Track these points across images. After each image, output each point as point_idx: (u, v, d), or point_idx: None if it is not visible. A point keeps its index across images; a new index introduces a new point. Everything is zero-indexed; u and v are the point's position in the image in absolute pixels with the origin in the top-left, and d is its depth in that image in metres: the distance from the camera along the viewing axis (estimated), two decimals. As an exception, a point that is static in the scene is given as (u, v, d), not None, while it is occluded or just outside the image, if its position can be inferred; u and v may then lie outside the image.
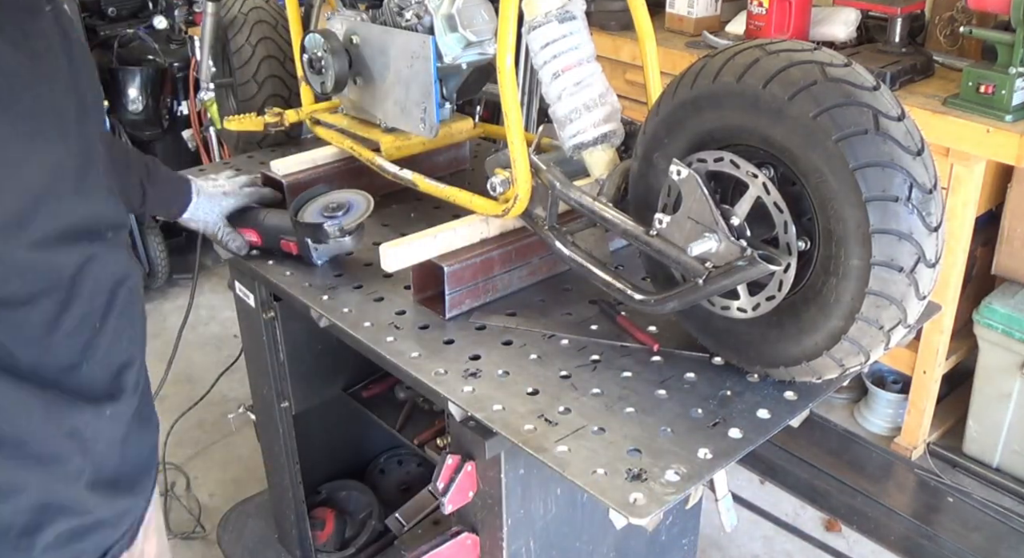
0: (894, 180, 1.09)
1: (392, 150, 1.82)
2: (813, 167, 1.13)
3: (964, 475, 2.69)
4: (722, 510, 1.31)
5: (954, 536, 2.50)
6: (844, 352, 1.21)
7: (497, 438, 1.27)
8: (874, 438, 2.86)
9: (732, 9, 3.00)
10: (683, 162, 1.24)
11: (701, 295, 1.26)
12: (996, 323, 2.50)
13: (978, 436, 2.67)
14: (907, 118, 1.14)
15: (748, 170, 1.19)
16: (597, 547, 1.62)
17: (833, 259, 1.16)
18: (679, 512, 1.80)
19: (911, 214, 1.10)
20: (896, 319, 1.17)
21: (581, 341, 1.45)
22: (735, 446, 1.21)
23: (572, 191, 1.43)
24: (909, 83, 2.47)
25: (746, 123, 1.18)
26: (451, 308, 1.50)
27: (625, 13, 2.44)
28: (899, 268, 1.12)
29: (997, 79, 2.21)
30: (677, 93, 1.26)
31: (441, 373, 1.35)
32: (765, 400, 1.30)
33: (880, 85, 1.15)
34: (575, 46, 1.42)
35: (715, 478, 1.23)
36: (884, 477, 2.73)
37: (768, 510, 2.64)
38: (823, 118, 1.10)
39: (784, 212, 1.17)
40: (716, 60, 1.21)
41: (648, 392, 1.32)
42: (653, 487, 1.13)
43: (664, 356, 1.41)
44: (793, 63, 1.14)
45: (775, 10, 2.65)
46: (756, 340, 1.29)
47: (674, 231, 1.27)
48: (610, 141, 1.46)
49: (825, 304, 1.18)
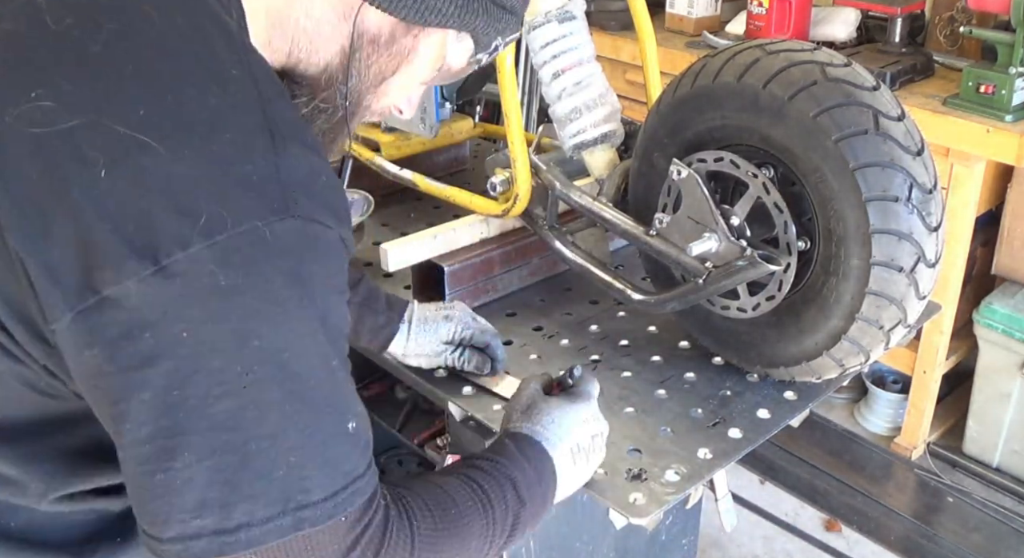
0: (894, 180, 1.09)
1: (392, 150, 1.82)
2: (813, 167, 1.13)
3: (964, 475, 2.69)
4: (722, 510, 1.31)
5: (954, 536, 2.50)
6: (844, 352, 1.21)
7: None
8: (874, 438, 2.86)
9: (732, 9, 3.00)
10: (683, 162, 1.24)
11: (701, 295, 1.26)
12: (996, 323, 2.50)
13: (978, 436, 2.67)
14: (907, 118, 1.14)
15: (748, 170, 1.19)
16: (597, 547, 1.62)
17: (833, 259, 1.16)
18: (679, 512, 1.80)
19: (911, 214, 1.10)
20: (896, 319, 1.16)
21: (581, 341, 1.45)
22: (735, 446, 1.21)
23: (572, 191, 1.43)
24: (909, 83, 2.47)
25: (746, 123, 1.18)
26: (451, 308, 1.50)
27: (625, 13, 2.43)
28: (899, 268, 1.12)
29: (997, 79, 2.21)
30: (677, 93, 1.26)
31: (441, 373, 1.35)
32: (765, 400, 1.30)
33: (880, 85, 1.15)
34: (575, 46, 1.42)
35: (715, 478, 1.23)
36: (884, 477, 2.73)
37: (768, 510, 2.64)
38: (823, 118, 1.10)
39: (784, 212, 1.17)
40: (716, 60, 1.21)
41: (648, 392, 1.32)
42: (653, 487, 1.13)
43: (664, 356, 1.41)
44: (793, 63, 1.14)
45: (775, 10, 2.65)
46: (756, 340, 1.29)
47: (674, 231, 1.27)
48: (610, 141, 1.46)
49: (825, 304, 1.18)
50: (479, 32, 0.88)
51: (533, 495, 0.97)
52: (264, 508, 0.71)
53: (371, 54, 0.85)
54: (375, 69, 0.86)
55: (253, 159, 0.69)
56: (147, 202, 0.66)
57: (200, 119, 0.69)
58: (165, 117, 0.68)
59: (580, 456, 1.06)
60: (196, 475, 0.70)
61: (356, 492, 0.76)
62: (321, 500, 0.74)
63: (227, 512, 0.71)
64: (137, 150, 0.66)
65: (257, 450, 0.71)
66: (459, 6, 0.84)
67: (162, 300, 0.67)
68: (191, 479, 0.70)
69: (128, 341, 0.67)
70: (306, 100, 0.85)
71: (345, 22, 0.82)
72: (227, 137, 0.69)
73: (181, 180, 0.67)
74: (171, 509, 0.70)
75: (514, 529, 0.94)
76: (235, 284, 0.68)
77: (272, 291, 0.70)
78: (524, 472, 0.98)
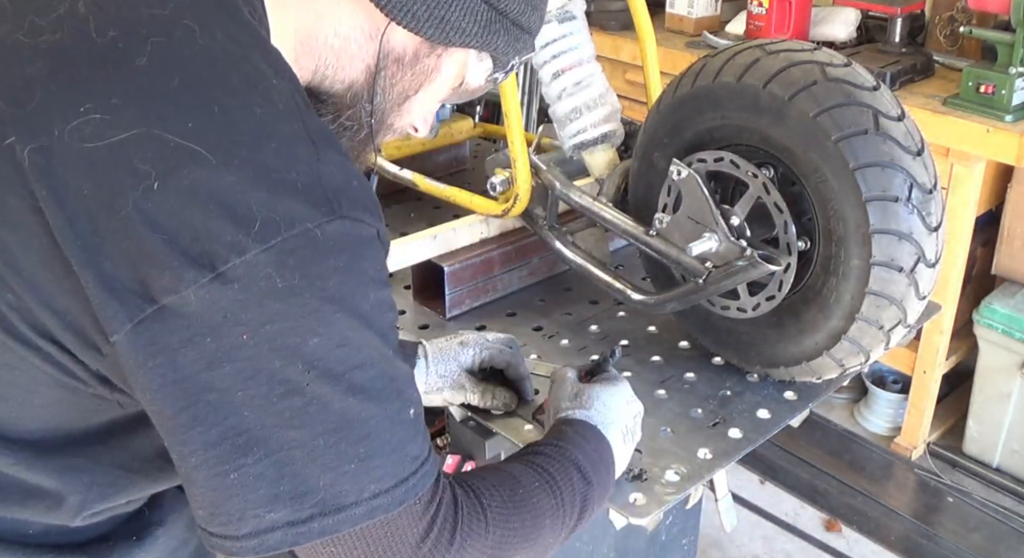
0: (894, 180, 1.09)
1: (392, 150, 1.82)
2: (813, 167, 1.13)
3: (964, 475, 2.69)
4: (722, 510, 1.31)
5: (954, 536, 2.50)
6: (844, 352, 1.21)
7: (497, 438, 1.27)
8: (874, 438, 2.86)
9: (732, 9, 3.00)
10: (683, 162, 1.24)
11: (701, 295, 1.26)
12: (996, 323, 2.50)
13: (978, 436, 2.67)
14: (907, 118, 1.14)
15: (748, 170, 1.19)
16: (597, 547, 1.62)
17: (833, 259, 1.16)
18: (679, 512, 1.80)
19: (911, 214, 1.10)
20: (896, 319, 1.16)
21: (581, 341, 1.45)
22: (735, 446, 1.21)
23: (572, 191, 1.43)
24: (909, 83, 2.47)
25: (746, 123, 1.18)
26: (451, 308, 1.50)
27: (625, 13, 2.43)
28: (899, 268, 1.12)
29: (997, 79, 2.21)
30: (677, 93, 1.26)
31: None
32: (765, 400, 1.30)
33: (880, 85, 1.15)
34: (575, 46, 1.42)
35: (715, 478, 1.23)
36: (884, 477, 2.73)
37: (768, 510, 2.64)
38: (823, 118, 1.10)
39: (784, 212, 1.17)
40: (716, 60, 1.21)
41: (648, 392, 1.32)
42: (653, 487, 1.13)
43: (664, 356, 1.41)
44: (793, 63, 1.14)
45: (775, 10, 2.65)
46: (756, 340, 1.29)
47: (674, 231, 1.27)
48: (610, 141, 1.46)
49: (825, 304, 1.18)
50: (499, 51, 0.90)
51: (599, 475, 0.99)
52: (336, 498, 0.73)
53: (396, 73, 0.86)
54: (399, 88, 0.88)
55: (297, 166, 0.71)
56: (201, 211, 0.67)
57: (247, 129, 0.70)
58: (213, 128, 0.69)
59: (628, 436, 1.10)
60: (267, 470, 0.72)
61: (425, 476, 0.78)
62: (392, 487, 0.76)
63: (299, 504, 0.73)
64: (189, 161, 0.68)
65: (325, 445, 0.72)
66: (482, 26, 0.85)
67: (221, 305, 0.68)
68: (262, 474, 0.72)
69: (190, 348, 0.69)
70: (331, 118, 0.87)
71: (372, 41, 0.84)
72: (273, 146, 0.71)
73: (233, 189, 0.68)
74: (245, 506, 0.72)
75: (583, 510, 0.96)
76: (291, 285, 0.70)
77: (327, 289, 0.71)
78: (586, 454, 1.00)
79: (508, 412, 1.26)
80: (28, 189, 0.69)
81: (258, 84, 0.73)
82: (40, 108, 0.69)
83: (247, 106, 0.71)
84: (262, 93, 0.73)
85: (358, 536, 0.76)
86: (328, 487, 0.73)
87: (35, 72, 0.71)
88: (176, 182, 0.67)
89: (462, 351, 1.25)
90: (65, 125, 0.68)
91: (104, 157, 0.67)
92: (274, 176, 0.70)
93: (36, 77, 0.70)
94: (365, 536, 0.76)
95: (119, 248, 0.67)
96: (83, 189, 0.68)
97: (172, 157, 0.67)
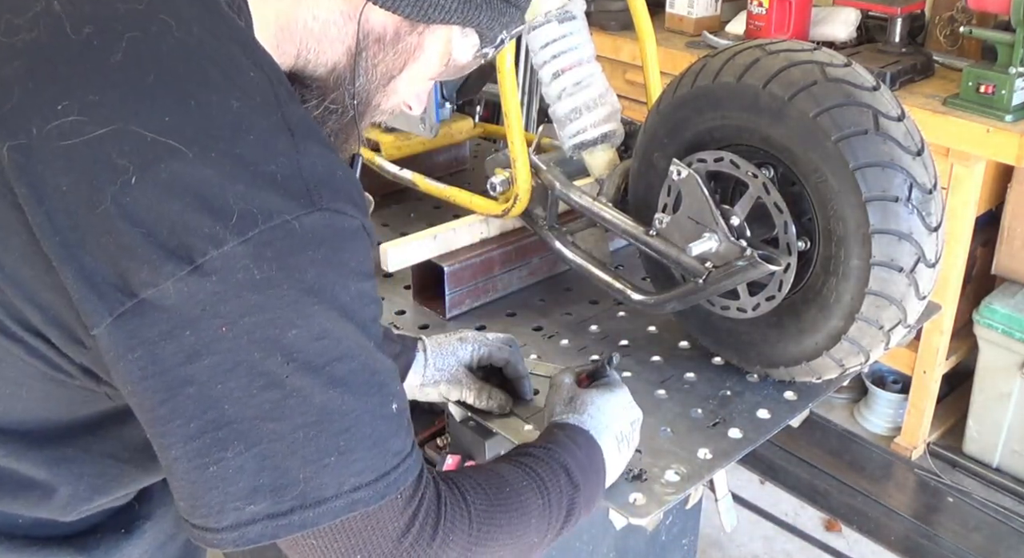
0: (894, 180, 1.09)
1: (392, 150, 1.82)
2: (813, 167, 1.13)
3: (964, 475, 2.69)
4: (722, 510, 1.31)
5: (954, 536, 2.50)
6: (844, 352, 1.21)
7: (497, 438, 1.27)
8: (874, 438, 2.86)
9: (732, 9, 3.00)
10: (683, 162, 1.24)
11: (701, 295, 1.26)
12: (996, 323, 2.50)
13: (978, 436, 2.67)
14: (907, 118, 1.14)
15: (748, 170, 1.19)
16: (597, 547, 1.62)
17: (833, 259, 1.16)
18: (679, 512, 1.80)
19: (911, 214, 1.10)
20: (896, 319, 1.17)
21: (581, 341, 1.45)
22: (735, 446, 1.21)
23: (572, 191, 1.43)
24: (909, 83, 2.47)
25: (746, 123, 1.18)
26: (451, 308, 1.50)
27: (625, 13, 2.44)
28: (899, 268, 1.12)
29: (997, 79, 2.21)
30: (677, 93, 1.26)
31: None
32: (765, 400, 1.30)
33: (880, 85, 1.15)
34: (575, 46, 1.42)
35: (715, 478, 1.23)
36: (884, 477, 2.73)
37: (768, 510, 2.64)
38: (823, 118, 1.10)
39: (784, 212, 1.17)
40: (716, 60, 1.21)
41: (648, 392, 1.32)
42: (653, 487, 1.13)
43: (664, 356, 1.41)
44: (793, 63, 1.14)
45: (775, 10, 2.65)
46: (756, 340, 1.29)
47: (674, 231, 1.27)
48: (610, 141, 1.46)
49: (825, 304, 1.18)
50: (483, 26, 0.89)
51: (587, 480, 0.99)
52: (316, 491, 0.73)
53: (377, 53, 0.86)
54: (382, 68, 0.87)
55: (276, 158, 0.71)
56: (179, 205, 0.67)
57: (224, 122, 0.70)
58: (190, 122, 0.69)
59: (623, 443, 1.09)
60: (247, 463, 0.72)
61: (407, 471, 0.78)
62: (373, 481, 0.75)
63: (279, 496, 0.73)
64: (166, 155, 0.68)
65: (305, 437, 0.72)
66: (461, 2, 0.85)
67: (199, 298, 0.68)
68: (242, 467, 0.72)
69: (169, 340, 0.69)
70: (316, 102, 0.86)
71: (350, 22, 0.83)
72: (251, 139, 0.70)
73: (210, 182, 0.68)
74: (225, 498, 0.72)
75: (570, 513, 0.95)
76: (269, 277, 0.69)
77: (306, 281, 0.71)
78: (576, 458, 0.99)
79: (507, 412, 1.26)
80: (8, 187, 0.69)
81: (236, 77, 0.73)
82: (18, 107, 0.69)
83: (224, 100, 0.71)
84: (240, 86, 0.72)
85: (339, 529, 0.76)
86: (308, 480, 0.73)
87: (12, 71, 0.71)
88: (153, 176, 0.67)
89: (461, 346, 1.27)
90: (43, 123, 0.68)
91: (82, 153, 0.68)
92: (252, 169, 0.70)
93: (13, 76, 0.71)
94: (346, 529, 0.76)
95: (98, 243, 0.67)
96: (62, 185, 0.68)
97: (149, 152, 0.67)
